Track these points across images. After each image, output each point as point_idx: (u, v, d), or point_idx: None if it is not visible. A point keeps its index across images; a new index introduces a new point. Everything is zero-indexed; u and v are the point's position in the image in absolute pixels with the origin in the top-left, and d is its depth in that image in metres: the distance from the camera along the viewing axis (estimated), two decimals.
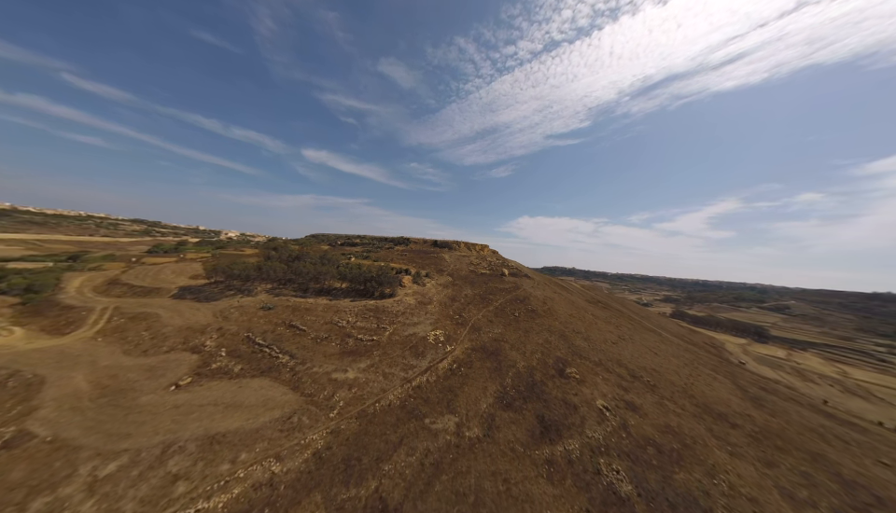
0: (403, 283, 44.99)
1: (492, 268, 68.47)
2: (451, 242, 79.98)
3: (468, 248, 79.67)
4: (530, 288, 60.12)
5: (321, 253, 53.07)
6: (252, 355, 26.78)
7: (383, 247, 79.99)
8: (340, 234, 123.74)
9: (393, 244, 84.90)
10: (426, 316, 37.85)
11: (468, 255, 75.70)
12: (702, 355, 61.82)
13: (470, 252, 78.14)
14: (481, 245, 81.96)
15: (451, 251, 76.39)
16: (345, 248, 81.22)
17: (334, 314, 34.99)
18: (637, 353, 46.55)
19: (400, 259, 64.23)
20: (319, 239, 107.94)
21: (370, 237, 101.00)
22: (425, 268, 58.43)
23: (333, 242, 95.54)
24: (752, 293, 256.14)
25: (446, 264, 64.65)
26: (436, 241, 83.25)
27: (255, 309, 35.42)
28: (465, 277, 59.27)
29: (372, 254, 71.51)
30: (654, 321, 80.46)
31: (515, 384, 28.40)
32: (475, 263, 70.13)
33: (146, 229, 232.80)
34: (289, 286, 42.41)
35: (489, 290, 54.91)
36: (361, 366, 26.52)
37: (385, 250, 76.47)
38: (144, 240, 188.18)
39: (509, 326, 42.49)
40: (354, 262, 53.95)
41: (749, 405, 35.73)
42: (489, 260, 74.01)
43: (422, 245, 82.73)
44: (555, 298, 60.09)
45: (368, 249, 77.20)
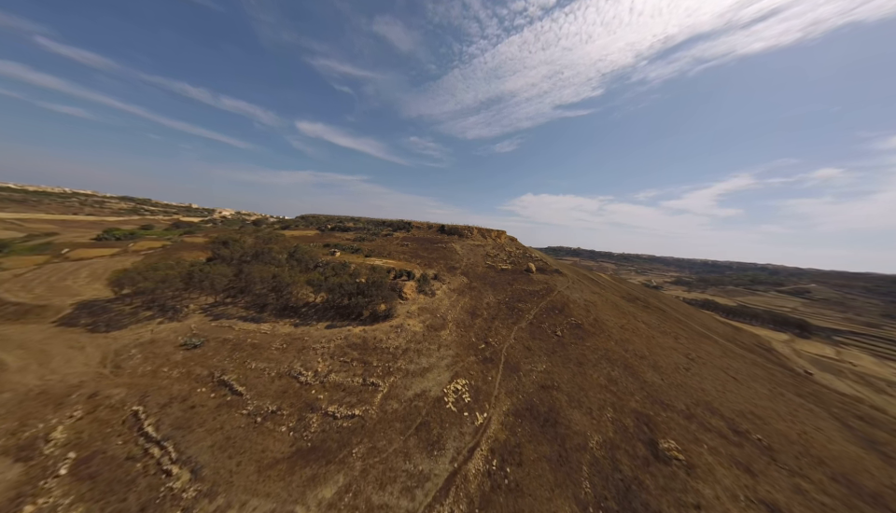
0: (405, 293, 31.42)
1: (514, 261, 54.64)
2: (461, 228, 65.59)
3: (482, 235, 65.46)
4: (565, 289, 46.68)
5: (292, 247, 39.11)
6: (118, 472, 13.84)
7: (380, 234, 65.82)
8: (334, 215, 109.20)
9: (392, 230, 70.65)
10: (438, 352, 24.68)
11: (482, 243, 61.66)
12: (773, 370, 49.50)
13: (485, 240, 64.06)
14: (497, 231, 67.60)
15: (462, 239, 62.26)
16: (335, 234, 67.05)
17: (297, 356, 21.82)
18: (718, 383, 33.82)
19: (401, 251, 50.39)
20: (309, 221, 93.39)
21: (365, 220, 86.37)
22: (432, 264, 44.67)
23: (323, 225, 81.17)
24: (766, 275, 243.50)
25: (458, 257, 50.79)
26: (443, 226, 68.79)
27: (172, 346, 22.20)
28: (483, 276, 45.65)
29: (366, 243, 57.47)
30: (698, 320, 67.79)
31: (599, 492, 15.75)
32: (492, 255, 56.24)
33: (134, 208, 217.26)
34: (241, 300, 28.97)
35: (516, 295, 41.47)
36: (327, 494, 13.65)
37: (381, 238, 62.31)
38: (131, 219, 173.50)
39: (554, 355, 29.48)
40: (338, 259, 40.19)
41: (876, 459, 23.63)
42: (508, 251, 60.02)
43: (426, 231, 68.42)
44: (596, 301, 46.74)
45: (362, 235, 63.08)
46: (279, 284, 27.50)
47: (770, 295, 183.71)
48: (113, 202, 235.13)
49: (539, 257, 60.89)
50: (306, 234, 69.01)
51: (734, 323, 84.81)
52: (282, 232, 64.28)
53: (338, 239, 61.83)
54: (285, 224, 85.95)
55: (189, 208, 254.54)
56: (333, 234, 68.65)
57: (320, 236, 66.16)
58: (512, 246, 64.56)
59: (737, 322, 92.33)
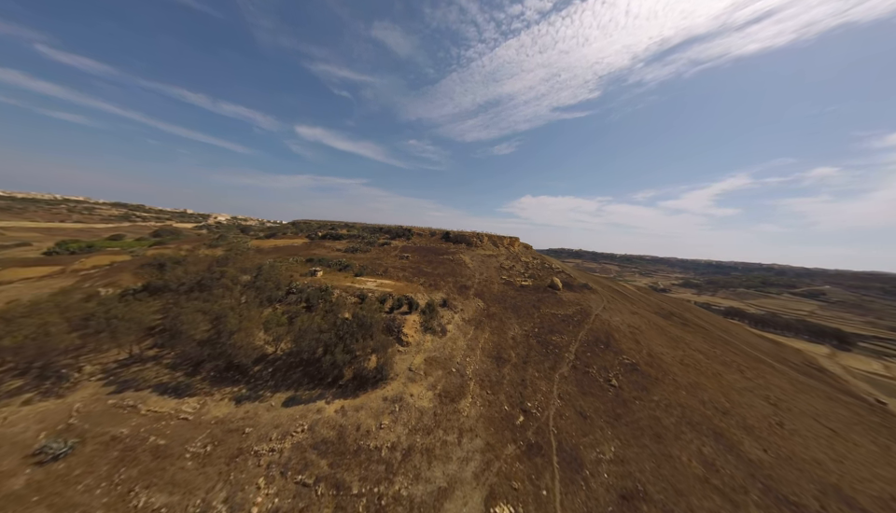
0: (405, 333, 22.20)
1: (533, 274, 45.49)
2: (469, 235, 56.41)
3: (493, 243, 56.29)
4: (602, 311, 37.57)
5: (255, 268, 29.71)
6: None
7: (376, 242, 56.66)
8: (329, 221, 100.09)
9: (390, 237, 61.53)
10: (460, 447, 15.43)
11: (494, 253, 52.54)
12: (850, 405, 40.33)
13: (497, 249, 54.95)
14: (509, 238, 58.42)
15: (471, 248, 53.10)
16: (325, 243, 57.83)
17: (223, 476, 12.53)
18: (823, 443, 24.94)
19: (400, 266, 41.21)
20: (300, 227, 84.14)
21: (361, 225, 77.16)
22: (438, 283, 35.46)
23: (314, 232, 71.92)
24: (773, 276, 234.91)
25: (468, 273, 41.61)
26: (448, 232, 59.61)
27: (18, 457, 13.04)
28: (501, 296, 36.49)
29: (359, 255, 48.28)
30: (741, 337, 58.63)
31: None
32: (507, 267, 47.12)
33: (125, 214, 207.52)
34: (167, 354, 19.75)
35: (547, 322, 32.25)
36: None
37: (378, 248, 53.12)
38: (121, 226, 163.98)
39: (619, 423, 20.63)
40: (319, 280, 30.87)
41: None
42: (525, 261, 50.92)
43: (429, 239, 59.27)
44: (641, 326, 37.58)
45: (355, 245, 53.92)
46: (221, 330, 18.31)
47: (784, 297, 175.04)
48: (104, 209, 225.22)
49: (560, 269, 51.78)
50: (293, 243, 59.81)
51: (768, 335, 75.73)
52: (259, 243, 55.14)
53: (327, 250, 52.66)
54: (271, 231, 76.72)
55: (184, 213, 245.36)
56: (323, 243, 59.48)
57: (308, 246, 56.96)
58: (528, 256, 55.45)
59: (770, 333, 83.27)
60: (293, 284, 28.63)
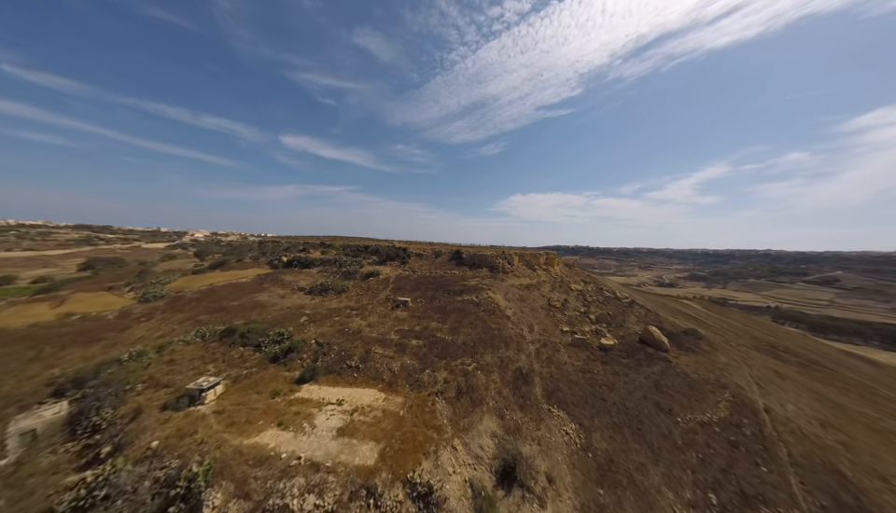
0: None
1: (604, 316, 27.65)
2: (491, 256, 37.90)
3: (527, 265, 37.98)
4: (761, 396, 20.02)
5: (92, 368, 11.00)
6: None
7: (358, 271, 38.06)
8: (307, 237, 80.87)
9: (379, 261, 43.07)
10: None
11: (532, 281, 34.54)
12: None
13: (534, 272, 36.92)
14: (545, 255, 40.17)
15: (496, 275, 34.73)
16: (285, 277, 38.78)
17: None
18: None
19: (393, 330, 22.77)
20: (265, 249, 64.57)
21: (342, 243, 58.11)
22: (469, 373, 17.24)
23: (279, 256, 52.69)
24: (771, 262, 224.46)
25: (510, 330, 23.36)
26: (459, 251, 41.15)
27: None
28: (589, 387, 18.58)
29: (328, 303, 29.52)
30: (850, 365, 42.11)
31: None
32: (559, 304, 29.16)
33: (86, 237, 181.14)
34: None
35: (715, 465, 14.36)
36: None
37: (358, 283, 34.42)
38: (81, 250, 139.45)
39: None
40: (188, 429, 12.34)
41: None
42: (577, 289, 33.07)
43: (433, 263, 40.79)
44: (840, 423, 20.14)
45: (327, 278, 35.22)
46: None
47: (798, 287, 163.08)
48: (62, 233, 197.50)
49: (628, 297, 34.11)
50: (240, 279, 40.58)
51: (843, 347, 59.96)
52: (189, 282, 35.81)
53: (284, 290, 33.90)
54: (222, 259, 56.87)
55: (157, 232, 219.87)
56: (284, 276, 40.53)
57: (259, 283, 37.95)
58: (577, 279, 37.61)
59: (836, 341, 67.98)
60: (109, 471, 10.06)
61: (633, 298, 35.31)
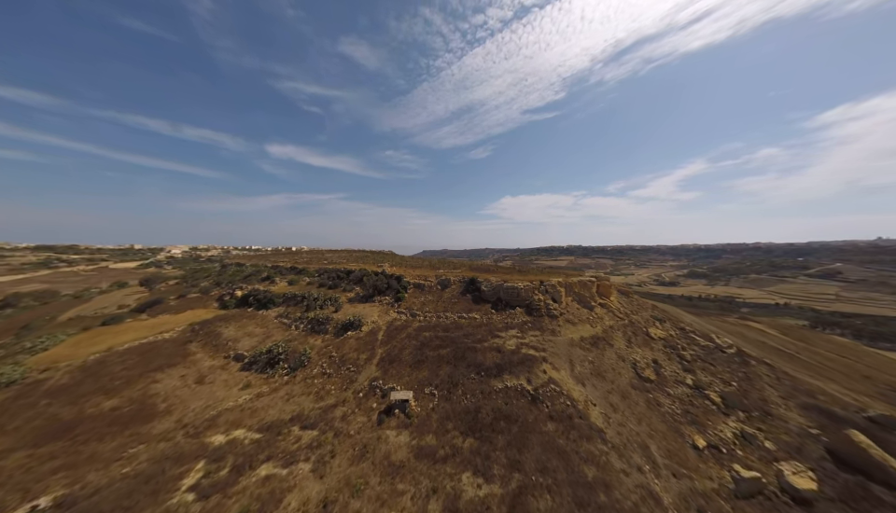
0: None
1: (738, 400, 16.06)
2: (522, 289, 25.35)
3: (578, 301, 25.73)
4: None
5: None
6: None
7: (333, 315, 25.52)
8: (296, 249, 67.58)
9: (364, 295, 30.51)
10: None
11: (597, 331, 22.55)
12: None
13: (591, 312, 24.87)
14: (594, 281, 28.21)
15: (542, 323, 22.43)
16: (226, 329, 25.71)
17: None
18: None
19: (383, 450, 10.67)
20: (223, 275, 50.91)
21: (321, 261, 45.14)
22: None
23: (233, 289, 39.39)
24: (761, 255, 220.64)
25: (615, 475, 11.47)
26: (475, 280, 28.87)
27: None
28: None
29: (273, 390, 16.82)
30: None
31: None
32: (651, 375, 17.51)
33: (46, 259, 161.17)
34: None
35: None
36: None
37: (326, 341, 21.83)
38: (35, 275, 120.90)
39: None
40: None
41: None
42: (662, 336, 21.33)
43: (438, 298, 28.30)
44: None
45: (295, 317, 22.54)
46: None
47: (801, 280, 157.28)
48: (18, 256, 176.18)
49: (730, 345, 22.73)
50: (164, 330, 27.26)
51: None
52: (91, 337, 22.53)
53: (212, 357, 21.14)
54: (150, 301, 42.84)
55: (130, 250, 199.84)
56: (227, 325, 27.56)
57: (186, 341, 24.91)
58: (650, 317, 25.85)
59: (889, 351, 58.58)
60: None
61: (734, 343, 23.88)
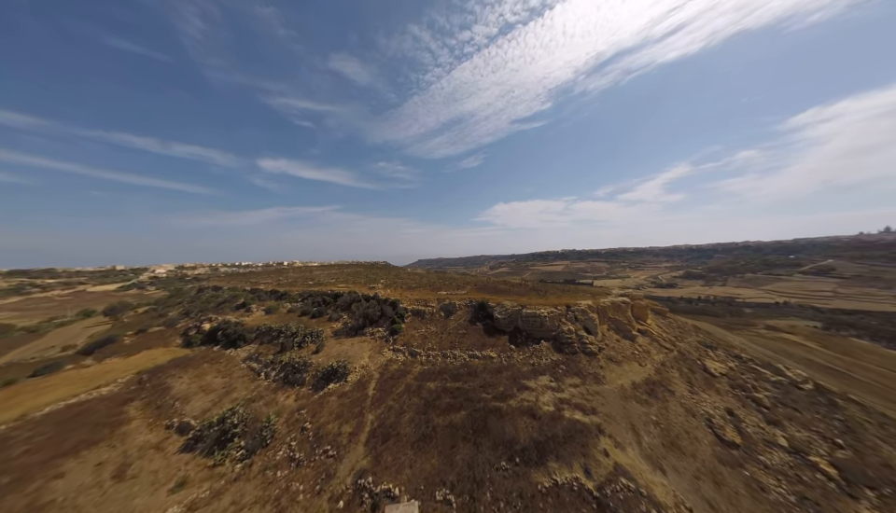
0: None
1: (856, 471, 11.22)
2: (547, 317, 20.34)
3: (616, 330, 20.91)
4: None
5: None
6: None
7: (312, 358, 20.09)
8: (287, 263, 61.85)
9: (353, 326, 25.13)
10: None
11: (647, 371, 17.70)
12: None
13: (633, 343, 20.15)
14: (628, 303, 23.61)
15: (578, 363, 17.36)
16: (187, 370, 19.88)
17: None
18: None
19: None
20: (200, 300, 44.73)
21: (307, 282, 39.54)
22: None
23: (200, 322, 33.44)
24: (751, 254, 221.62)
25: None
26: (485, 304, 23.78)
27: None
28: None
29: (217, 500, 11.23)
30: None
31: None
32: (735, 436, 12.61)
33: (18, 285, 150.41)
34: None
35: None
36: None
37: (301, 396, 16.35)
38: (5, 302, 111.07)
39: None
40: None
41: None
42: (723, 372, 16.48)
43: (443, 328, 23.17)
44: None
45: (267, 361, 16.98)
46: None
47: (796, 278, 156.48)
48: None
49: (804, 379, 18.09)
50: (102, 382, 21.19)
51: None
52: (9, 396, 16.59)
53: (150, 428, 15.46)
54: (100, 340, 36.26)
55: (112, 271, 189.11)
56: (183, 373, 21.77)
57: (123, 402, 19.07)
58: (699, 345, 21.08)
59: None
60: None
61: (809, 376, 19.24)
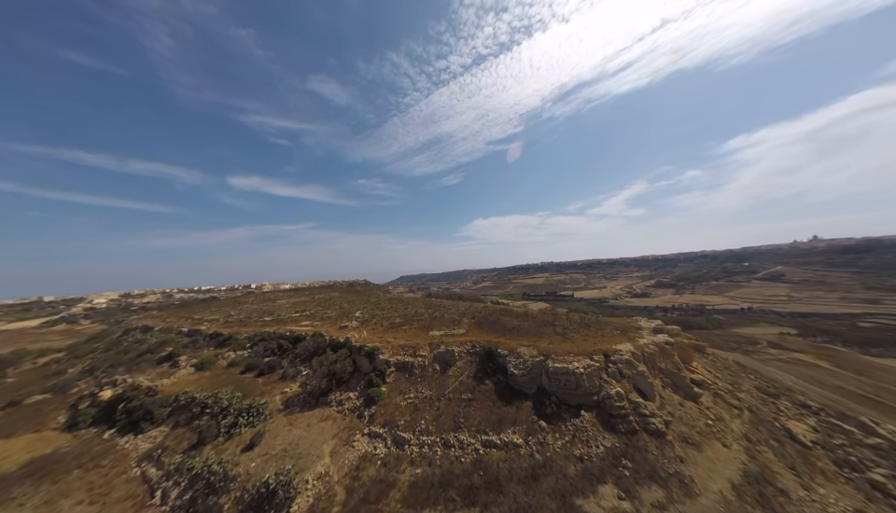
0: None
1: None
2: (584, 375, 14.75)
3: (673, 387, 15.50)
4: None
5: None
6: None
7: (239, 426, 12.69)
8: (243, 288, 52.35)
9: (316, 391, 17.76)
10: None
11: (739, 455, 12.30)
12: None
13: (698, 405, 14.76)
14: (668, 341, 18.70)
15: (638, 449, 11.78)
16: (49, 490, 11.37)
17: None
18: None
19: None
20: (123, 346, 34.10)
21: (280, 297, 30.91)
22: None
23: (102, 373, 24.04)
24: (709, 262, 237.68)
25: None
26: (493, 352, 17.66)
27: None
28: None
29: None
30: None
31: None
32: None
33: None
34: None
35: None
36: None
37: None
38: None
39: None
40: None
41: None
42: (814, 438, 11.54)
43: (439, 392, 16.67)
44: None
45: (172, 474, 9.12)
46: None
47: (754, 284, 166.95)
48: None
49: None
50: None
51: None
52: None
53: None
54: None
55: (37, 303, 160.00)
56: (35, 494, 13.11)
57: None
58: (760, 395, 16.24)
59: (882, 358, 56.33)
60: None
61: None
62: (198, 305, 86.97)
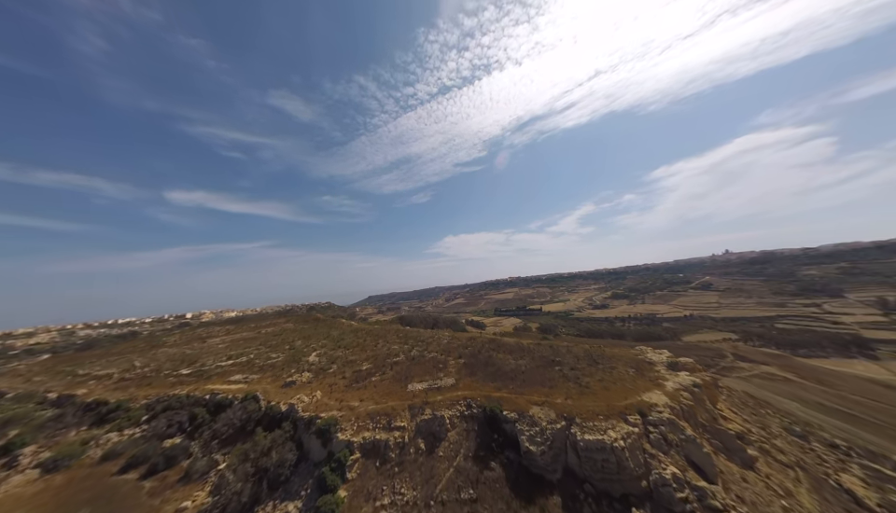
0: None
1: None
2: (617, 442, 10.99)
3: (717, 446, 11.87)
4: None
5: None
6: None
7: None
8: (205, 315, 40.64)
9: (233, 506, 11.44)
10: None
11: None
12: None
13: (762, 481, 11.59)
14: (696, 382, 15.85)
15: None
16: None
17: None
18: None
19: None
20: None
21: (215, 331, 22.14)
22: None
23: None
24: (651, 274, 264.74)
25: None
26: (497, 415, 12.93)
27: None
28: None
29: None
30: None
31: None
32: None
33: None
34: None
35: None
36: None
37: None
38: None
39: None
40: None
41: None
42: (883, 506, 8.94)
43: (423, 481, 11.84)
44: None
45: None
46: None
47: (691, 293, 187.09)
48: None
49: None
50: None
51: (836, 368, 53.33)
52: None
53: None
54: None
55: None
56: None
57: None
58: (820, 449, 13.87)
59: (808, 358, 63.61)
60: None
61: None
62: (105, 346, 68.92)
